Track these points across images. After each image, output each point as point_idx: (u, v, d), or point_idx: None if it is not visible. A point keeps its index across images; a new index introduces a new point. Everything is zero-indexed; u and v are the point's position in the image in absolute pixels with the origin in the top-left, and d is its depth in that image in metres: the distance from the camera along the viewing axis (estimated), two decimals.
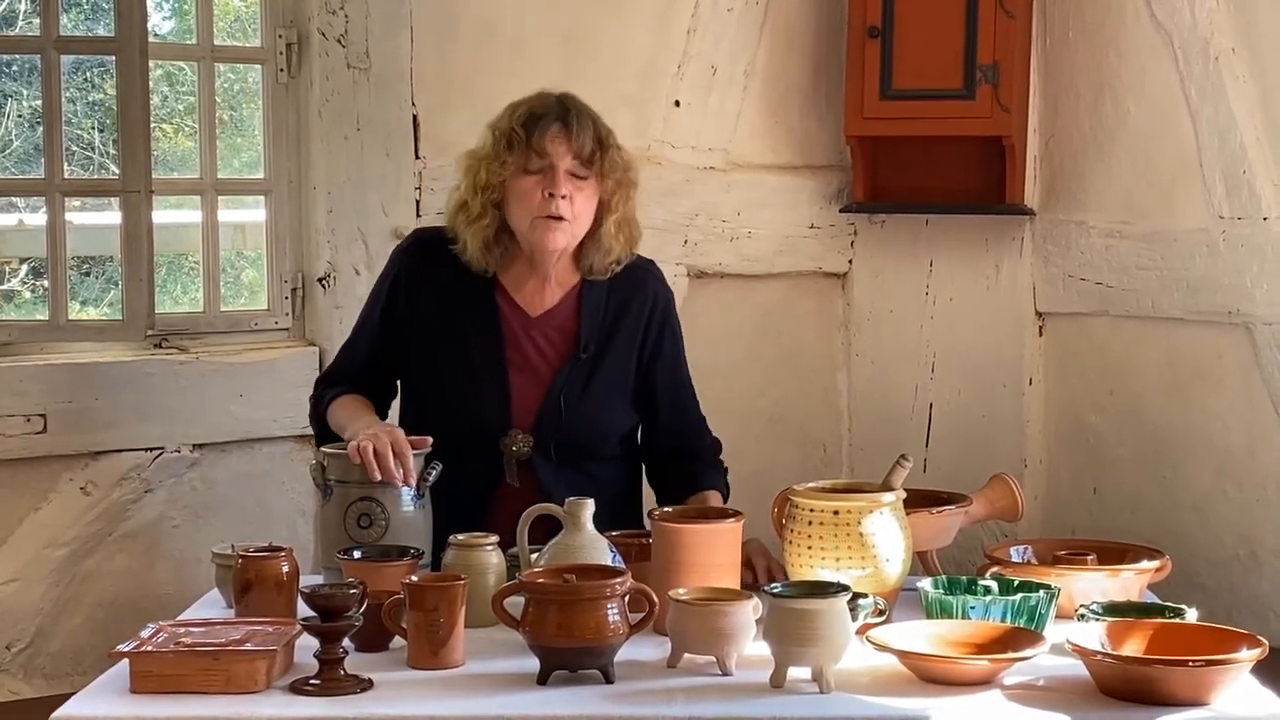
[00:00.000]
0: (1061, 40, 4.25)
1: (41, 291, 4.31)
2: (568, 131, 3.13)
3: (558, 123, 3.13)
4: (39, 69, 3.90)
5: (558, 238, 3.14)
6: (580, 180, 3.14)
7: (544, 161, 3.12)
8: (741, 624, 2.59)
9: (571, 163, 3.12)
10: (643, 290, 3.29)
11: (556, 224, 3.12)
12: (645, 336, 3.27)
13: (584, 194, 3.14)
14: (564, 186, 3.11)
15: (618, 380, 3.25)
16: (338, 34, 4.05)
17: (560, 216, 3.11)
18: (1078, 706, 2.43)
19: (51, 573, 3.82)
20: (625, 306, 3.26)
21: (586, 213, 3.16)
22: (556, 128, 3.13)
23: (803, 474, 4.13)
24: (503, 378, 3.19)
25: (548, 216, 3.12)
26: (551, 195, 3.10)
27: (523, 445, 3.18)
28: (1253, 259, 3.83)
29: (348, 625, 2.53)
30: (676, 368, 3.34)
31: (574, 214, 3.13)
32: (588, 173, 3.14)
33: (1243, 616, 3.77)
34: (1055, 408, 4.35)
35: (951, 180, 4.31)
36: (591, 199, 3.16)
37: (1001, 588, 2.81)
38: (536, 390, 3.20)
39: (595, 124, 3.17)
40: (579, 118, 3.15)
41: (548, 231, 3.13)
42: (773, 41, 4.41)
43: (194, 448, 3.95)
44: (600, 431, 3.24)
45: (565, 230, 3.13)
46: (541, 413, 3.19)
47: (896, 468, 2.93)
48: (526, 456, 3.18)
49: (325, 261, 4.08)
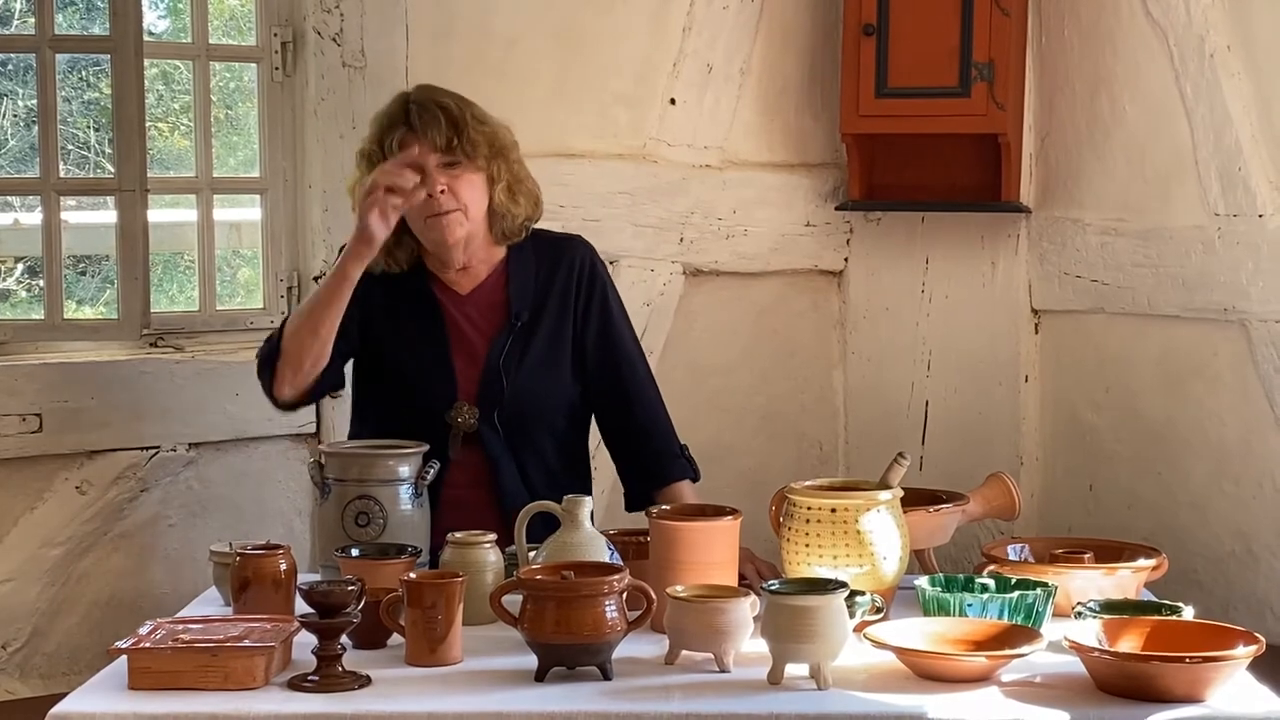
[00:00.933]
0: (1057, 38, 4.25)
1: (37, 291, 4.30)
2: (416, 133, 3.17)
3: (403, 128, 3.19)
4: (34, 68, 3.90)
5: (453, 230, 3.20)
6: (453, 168, 3.18)
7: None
8: (739, 621, 2.59)
9: (435, 156, 3.17)
10: (569, 257, 3.34)
11: (446, 218, 3.19)
12: (576, 300, 3.32)
13: (462, 179, 3.19)
14: (439, 182, 3.16)
15: (554, 347, 3.30)
16: (333, 32, 4.05)
17: (447, 210, 3.18)
18: (1075, 703, 2.43)
19: (47, 572, 3.81)
20: (553, 274, 3.32)
21: (473, 194, 3.21)
22: (402, 132, 3.19)
23: (799, 472, 4.14)
24: (444, 355, 3.24)
25: (435, 215, 3.18)
26: (430, 195, 3.15)
27: (468, 417, 3.22)
28: (1248, 256, 3.83)
29: (346, 622, 2.53)
30: (613, 333, 3.35)
31: (460, 201, 3.19)
32: (454, 158, 3.18)
33: (1239, 613, 3.77)
34: (1051, 405, 4.35)
35: (947, 178, 4.31)
36: (472, 180, 3.20)
37: (999, 586, 2.81)
38: (476, 363, 3.25)
39: (445, 110, 3.21)
40: (423, 114, 3.19)
41: (441, 228, 3.20)
42: (768, 39, 4.41)
43: (190, 447, 3.95)
44: (542, 400, 3.28)
45: (457, 219, 3.19)
46: (483, 384, 3.24)
47: (894, 465, 2.93)
48: (473, 429, 3.22)
49: (321, 260, 4.08)
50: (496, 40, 4.18)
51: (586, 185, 4.22)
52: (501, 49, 4.18)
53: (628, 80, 4.32)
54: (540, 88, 4.17)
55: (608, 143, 4.31)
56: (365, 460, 3.03)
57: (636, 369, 3.38)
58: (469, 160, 3.19)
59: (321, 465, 3.06)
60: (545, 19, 4.24)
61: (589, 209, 4.19)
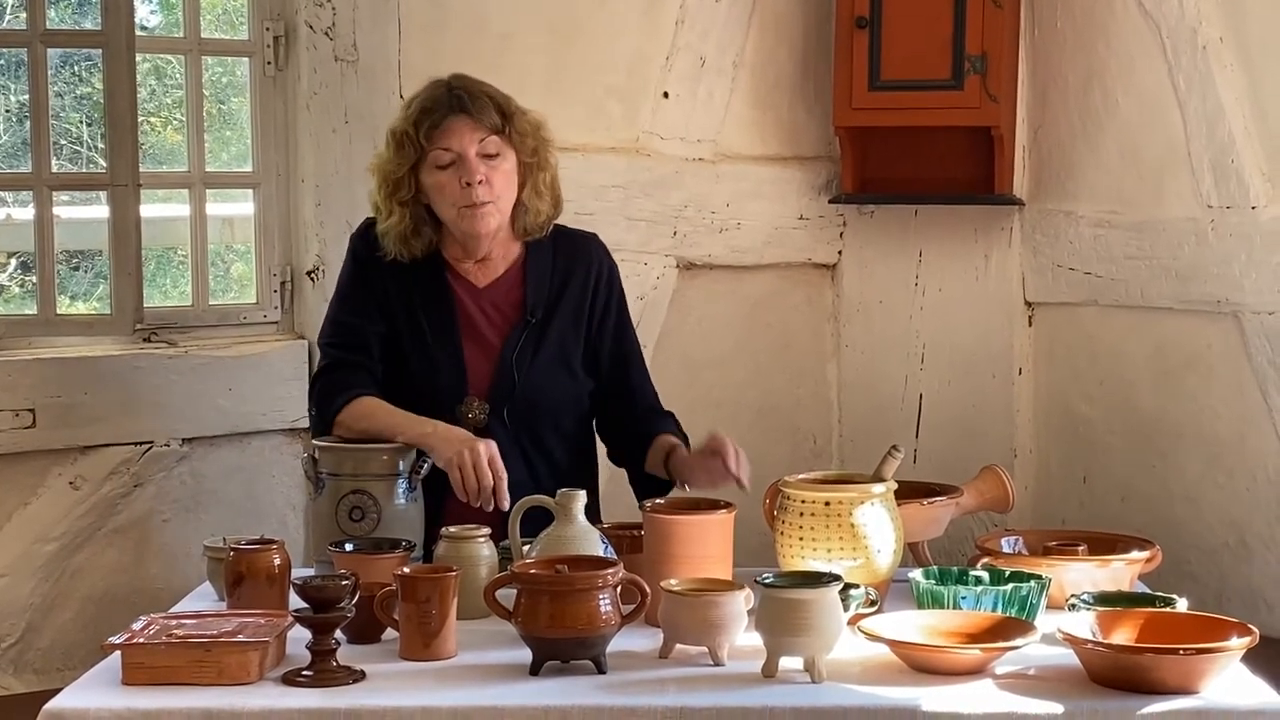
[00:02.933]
0: (1050, 30, 4.25)
1: (30, 286, 4.30)
2: (470, 118, 3.17)
3: (456, 113, 3.17)
4: (26, 63, 3.90)
5: (487, 222, 3.19)
6: (493, 159, 3.18)
7: (452, 154, 3.17)
8: (733, 614, 2.59)
9: (480, 145, 3.17)
10: (586, 256, 3.34)
11: (481, 209, 3.18)
12: (593, 302, 3.32)
13: (500, 171, 3.19)
14: (478, 172, 3.15)
15: (567, 345, 3.29)
16: (325, 26, 4.05)
17: (483, 202, 3.17)
18: (1069, 695, 2.43)
19: (41, 568, 3.81)
20: (570, 272, 3.31)
21: (507, 187, 3.21)
22: (455, 118, 3.17)
23: (793, 465, 4.12)
24: (457, 348, 3.23)
25: (470, 205, 3.17)
26: (469, 184, 3.15)
27: (478, 412, 3.22)
28: (1241, 248, 3.83)
29: (340, 617, 2.53)
30: (624, 336, 3.38)
31: (495, 194, 3.18)
32: (499, 148, 3.18)
33: (1233, 605, 3.77)
34: (1045, 398, 4.35)
35: (940, 171, 4.31)
36: (510, 173, 3.20)
37: (992, 578, 2.82)
38: (489, 358, 3.24)
39: (493, 98, 3.21)
40: (474, 100, 3.19)
41: (475, 219, 3.18)
42: (761, 32, 4.41)
43: (183, 442, 3.94)
44: (552, 397, 3.28)
45: (491, 212, 3.19)
46: (494, 379, 3.23)
47: (887, 459, 2.93)
48: (483, 424, 3.21)
49: (314, 255, 4.08)
50: (489, 33, 4.18)
51: (579, 179, 4.20)
52: (494, 42, 4.17)
53: (620, 73, 4.32)
54: (533, 81, 4.16)
55: (601, 136, 4.31)
56: (359, 455, 3.03)
57: (641, 367, 3.40)
58: (514, 149, 3.19)
59: (315, 459, 3.05)
60: (538, 12, 4.24)
61: (582, 202, 4.18)
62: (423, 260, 3.25)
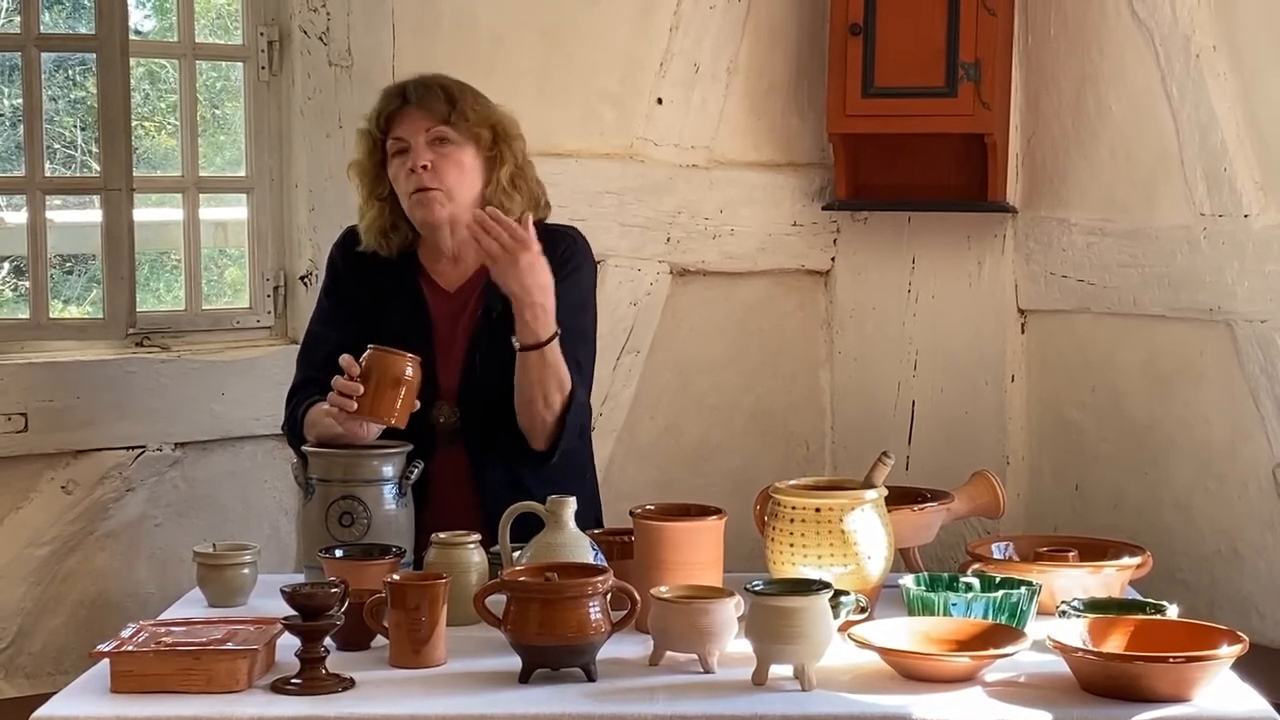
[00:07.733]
0: (1043, 38, 4.25)
1: (23, 290, 4.30)
2: (412, 105, 3.19)
3: (399, 100, 3.21)
4: (19, 67, 3.89)
5: (434, 209, 3.19)
6: (444, 145, 3.18)
7: (403, 143, 3.19)
8: (723, 621, 2.59)
9: (427, 132, 3.18)
10: (554, 246, 3.20)
11: (428, 195, 3.18)
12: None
13: (451, 159, 3.18)
14: (423, 157, 3.16)
15: None
16: (319, 31, 4.04)
17: (428, 187, 3.17)
18: (1059, 703, 2.43)
19: (32, 572, 3.81)
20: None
21: (459, 176, 3.19)
22: (398, 105, 3.21)
23: (785, 471, 4.14)
24: (429, 354, 3.19)
25: (416, 191, 3.18)
26: (413, 170, 3.16)
27: (450, 417, 3.22)
28: (1233, 256, 3.84)
29: (329, 624, 2.52)
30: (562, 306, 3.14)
31: (444, 182, 3.18)
32: (448, 133, 3.18)
33: (1224, 612, 3.77)
34: (1037, 404, 4.35)
35: (934, 177, 4.32)
36: (463, 163, 3.19)
37: (983, 584, 2.81)
38: (457, 362, 3.24)
39: (445, 88, 3.22)
40: (420, 89, 3.21)
41: (421, 205, 3.19)
42: (755, 39, 4.41)
43: (176, 446, 3.94)
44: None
45: (438, 199, 3.18)
46: (461, 382, 3.22)
47: (878, 465, 2.93)
48: (456, 428, 3.21)
49: (307, 259, 4.08)
50: (482, 38, 4.18)
51: (573, 184, 4.21)
52: (488, 47, 4.17)
53: (614, 79, 4.32)
54: (526, 86, 4.16)
55: (594, 142, 4.31)
56: (349, 460, 3.02)
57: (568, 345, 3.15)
58: (462, 136, 3.18)
59: (305, 465, 3.05)
60: (532, 17, 4.24)
61: (575, 208, 4.18)
62: (398, 265, 3.27)
